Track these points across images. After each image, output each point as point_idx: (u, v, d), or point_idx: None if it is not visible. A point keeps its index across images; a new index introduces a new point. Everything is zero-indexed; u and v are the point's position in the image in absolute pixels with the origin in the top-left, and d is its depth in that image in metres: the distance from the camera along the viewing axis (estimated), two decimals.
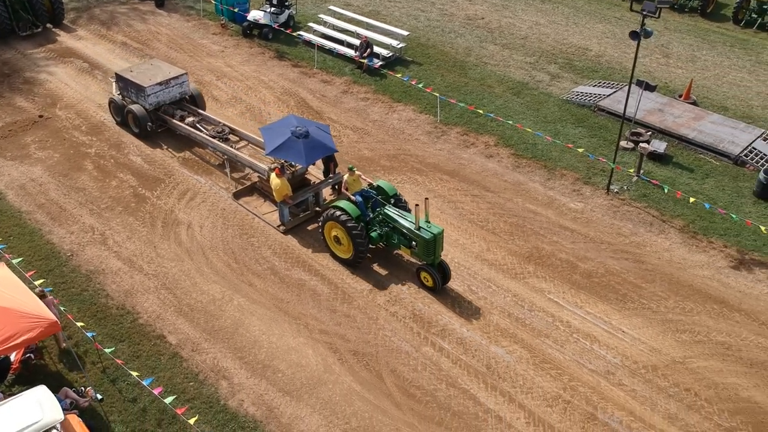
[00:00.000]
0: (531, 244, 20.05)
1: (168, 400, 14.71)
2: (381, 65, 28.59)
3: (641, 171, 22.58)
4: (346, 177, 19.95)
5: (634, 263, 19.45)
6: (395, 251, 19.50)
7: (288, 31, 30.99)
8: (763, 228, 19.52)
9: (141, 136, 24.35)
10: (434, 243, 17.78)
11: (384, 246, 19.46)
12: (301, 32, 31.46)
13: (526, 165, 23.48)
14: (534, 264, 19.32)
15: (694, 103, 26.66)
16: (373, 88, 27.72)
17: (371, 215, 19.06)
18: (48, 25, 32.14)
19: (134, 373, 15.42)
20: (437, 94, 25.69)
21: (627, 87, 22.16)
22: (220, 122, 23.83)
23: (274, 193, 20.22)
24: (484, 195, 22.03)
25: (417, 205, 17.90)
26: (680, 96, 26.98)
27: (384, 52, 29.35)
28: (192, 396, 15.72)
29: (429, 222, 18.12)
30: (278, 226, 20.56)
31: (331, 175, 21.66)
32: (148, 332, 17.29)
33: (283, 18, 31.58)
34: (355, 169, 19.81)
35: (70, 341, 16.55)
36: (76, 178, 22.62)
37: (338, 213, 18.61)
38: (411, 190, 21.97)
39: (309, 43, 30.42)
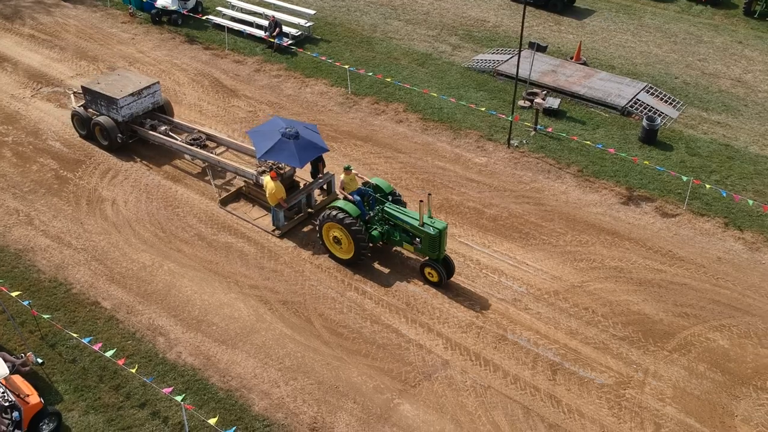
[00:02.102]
0: (441, 195, 21.61)
1: (108, 353, 15.53)
2: (291, 44, 29.64)
3: (538, 125, 24.50)
4: (342, 177, 19.27)
5: (535, 206, 21.28)
6: (394, 248, 19.60)
7: (197, 16, 31.65)
8: (647, 161, 21.70)
9: (111, 149, 23.34)
10: (439, 238, 17.73)
11: (383, 244, 19.40)
12: (210, 16, 32.16)
13: (434, 127, 25.06)
14: (445, 213, 20.87)
15: (585, 64, 28.85)
16: (284, 65, 28.78)
17: (371, 213, 18.86)
18: None
19: (74, 334, 16.17)
20: (347, 67, 26.97)
21: (524, 52, 24.03)
22: (194, 129, 23.35)
23: (268, 197, 19.77)
24: (397, 156, 23.47)
25: (421, 201, 18.01)
26: (571, 58, 29.12)
27: (293, 31, 30.41)
28: (131, 352, 16.55)
29: (432, 217, 18.15)
30: (273, 230, 20.27)
31: (320, 175, 21.30)
32: (82, 300, 17.98)
33: (191, 4, 32.16)
34: (351, 168, 19.28)
35: (4, 315, 17.07)
36: None
37: (338, 213, 18.29)
38: (327, 156, 23.16)
39: (219, 26, 31.18)
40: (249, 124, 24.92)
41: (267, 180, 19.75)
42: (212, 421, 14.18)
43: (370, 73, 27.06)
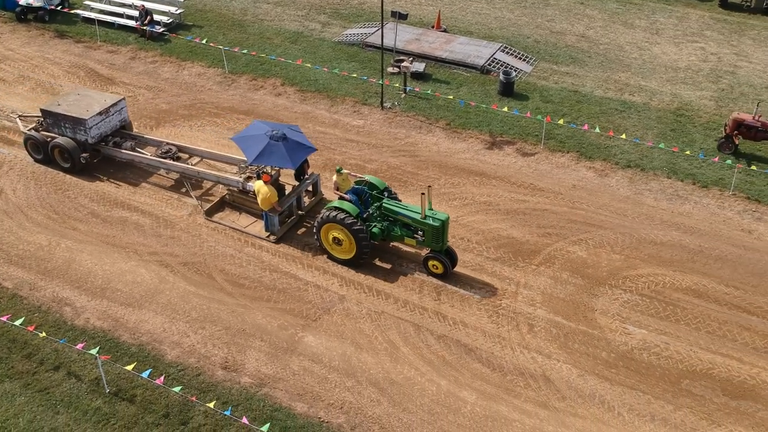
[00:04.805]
0: (324, 156, 23.10)
1: (17, 322, 16.09)
2: (163, 31, 30.23)
3: (407, 87, 26.44)
4: (335, 178, 19.40)
5: (410, 158, 23.17)
6: (392, 244, 19.50)
7: (65, 11, 31.61)
8: (506, 108, 24.06)
9: (73, 171, 22.09)
10: (442, 230, 17.92)
11: (382, 241, 19.10)
12: (78, 11, 32.15)
13: (312, 97, 26.52)
14: (329, 171, 22.31)
15: (445, 31, 31.07)
16: (159, 51, 29.38)
17: (369, 211, 18.82)
18: None
19: None
20: (222, 47, 27.95)
21: (388, 24, 25.78)
22: (162, 141, 22.36)
23: (261, 202, 19.30)
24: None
25: (423, 194, 18.09)
26: (432, 26, 31.28)
27: (164, 18, 30.98)
28: (39, 324, 17.10)
29: (432, 209, 18.33)
30: (267, 236, 19.83)
31: (306, 176, 21.02)
32: None
33: (56, 0, 32.08)
34: (342, 169, 19.42)
35: None
36: None
37: (337, 214, 18.15)
38: (212, 131, 24.24)
39: (88, 20, 31.28)
40: (130, 109, 25.46)
41: (260, 185, 19.23)
42: (129, 367, 15.11)
43: (245, 51, 28.17)
